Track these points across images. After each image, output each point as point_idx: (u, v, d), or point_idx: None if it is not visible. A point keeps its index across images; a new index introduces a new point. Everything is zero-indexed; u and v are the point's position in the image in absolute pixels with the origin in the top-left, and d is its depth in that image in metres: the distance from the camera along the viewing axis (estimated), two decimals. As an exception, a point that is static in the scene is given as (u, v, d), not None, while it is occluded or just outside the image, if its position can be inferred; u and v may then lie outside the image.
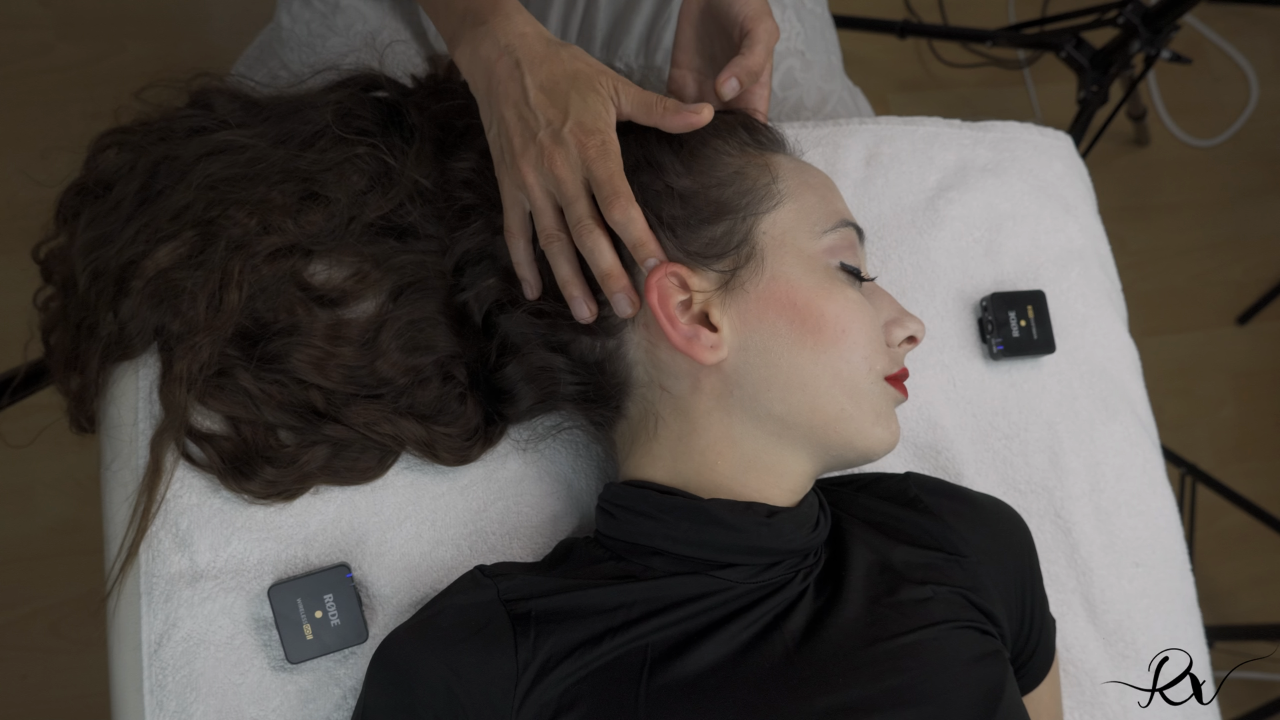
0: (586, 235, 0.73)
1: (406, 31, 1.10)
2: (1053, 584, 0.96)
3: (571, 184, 0.73)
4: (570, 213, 0.73)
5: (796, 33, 1.14)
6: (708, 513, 0.73)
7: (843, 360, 0.74)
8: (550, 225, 0.75)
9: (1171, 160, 2.17)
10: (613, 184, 0.72)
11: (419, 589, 0.84)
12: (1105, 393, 1.02)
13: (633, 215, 0.72)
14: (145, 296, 0.80)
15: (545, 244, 0.75)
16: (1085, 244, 1.05)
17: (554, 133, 0.73)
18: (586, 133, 0.73)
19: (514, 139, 0.74)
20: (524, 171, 0.74)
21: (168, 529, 0.81)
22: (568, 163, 0.72)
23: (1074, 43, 1.64)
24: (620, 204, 0.71)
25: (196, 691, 0.79)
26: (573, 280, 0.75)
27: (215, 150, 0.84)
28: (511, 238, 0.78)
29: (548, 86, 0.74)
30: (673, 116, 0.75)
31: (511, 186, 0.76)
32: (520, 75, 0.74)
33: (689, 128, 0.75)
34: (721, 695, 0.69)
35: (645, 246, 0.72)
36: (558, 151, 0.73)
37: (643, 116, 0.75)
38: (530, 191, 0.74)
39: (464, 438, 0.83)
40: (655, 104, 0.75)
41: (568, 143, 0.72)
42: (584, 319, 0.75)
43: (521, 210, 0.77)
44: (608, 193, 0.72)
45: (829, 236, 0.76)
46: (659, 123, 0.75)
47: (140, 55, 1.79)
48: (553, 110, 0.73)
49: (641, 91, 0.76)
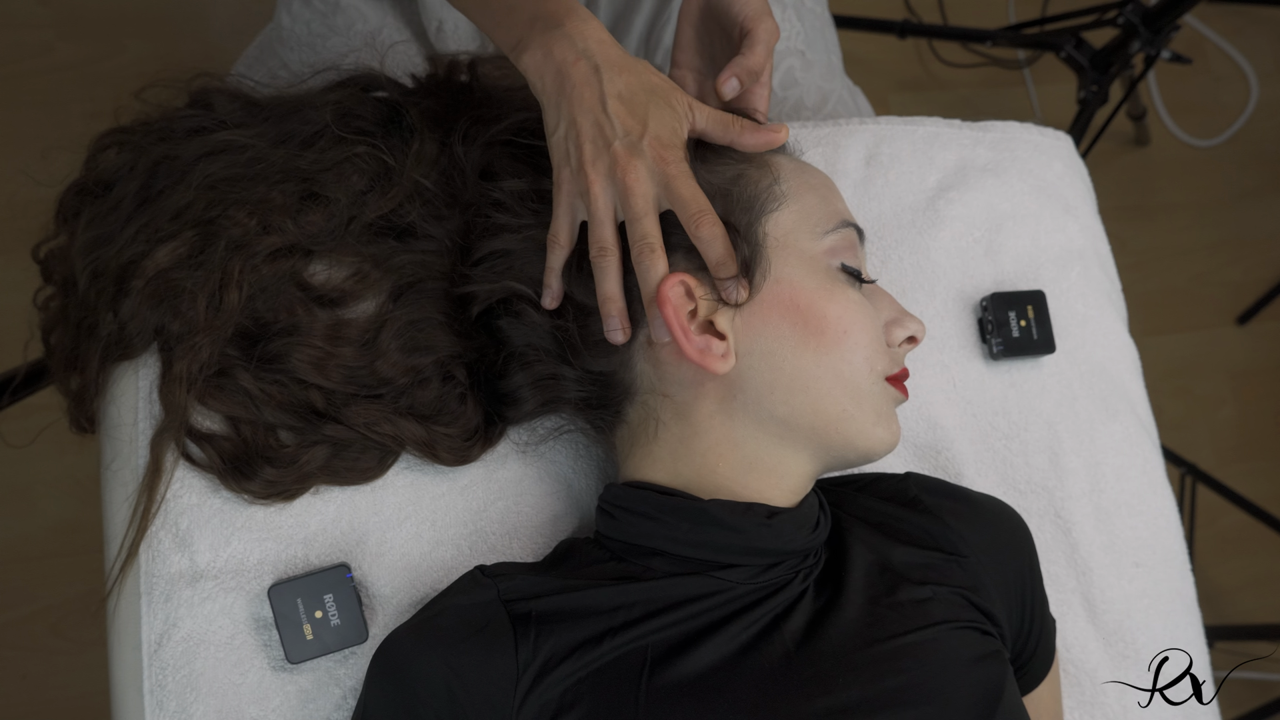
0: (648, 254, 0.71)
1: (407, 31, 1.10)
2: (1053, 584, 0.96)
3: (642, 198, 0.72)
4: (637, 227, 0.72)
5: (796, 32, 1.14)
6: (708, 513, 0.73)
7: (844, 361, 0.74)
8: (607, 237, 0.73)
9: (1171, 160, 2.17)
10: (699, 201, 0.71)
11: (419, 589, 0.84)
12: (1105, 393, 1.02)
13: (718, 234, 0.71)
14: (145, 296, 0.80)
15: (597, 255, 0.73)
16: (1085, 244, 1.06)
17: (631, 144, 0.72)
18: (665, 147, 0.72)
19: (585, 145, 0.73)
20: (591, 180, 0.72)
21: (168, 529, 0.81)
22: (644, 176, 0.72)
23: (1074, 43, 1.64)
24: (709, 221, 0.71)
25: (196, 691, 0.79)
26: (616, 298, 0.73)
27: (215, 150, 0.84)
28: (555, 245, 0.76)
29: (626, 96, 0.73)
30: (750, 135, 0.75)
31: (571, 193, 0.74)
32: (599, 81, 0.73)
33: (767, 146, 0.75)
34: (721, 696, 0.69)
35: (726, 266, 0.71)
36: (634, 162, 0.71)
37: (719, 135, 0.75)
38: (594, 201, 0.73)
39: (464, 438, 0.83)
40: (732, 123, 0.75)
41: (645, 155, 0.72)
42: (617, 340, 0.74)
43: (573, 219, 0.75)
44: (694, 210, 0.71)
45: (830, 237, 0.76)
46: (735, 141, 0.75)
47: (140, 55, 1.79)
48: (631, 120, 0.72)
49: (715, 110, 0.75)
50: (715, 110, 0.76)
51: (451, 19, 1.09)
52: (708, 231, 0.71)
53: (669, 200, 0.72)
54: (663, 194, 0.72)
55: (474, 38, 1.10)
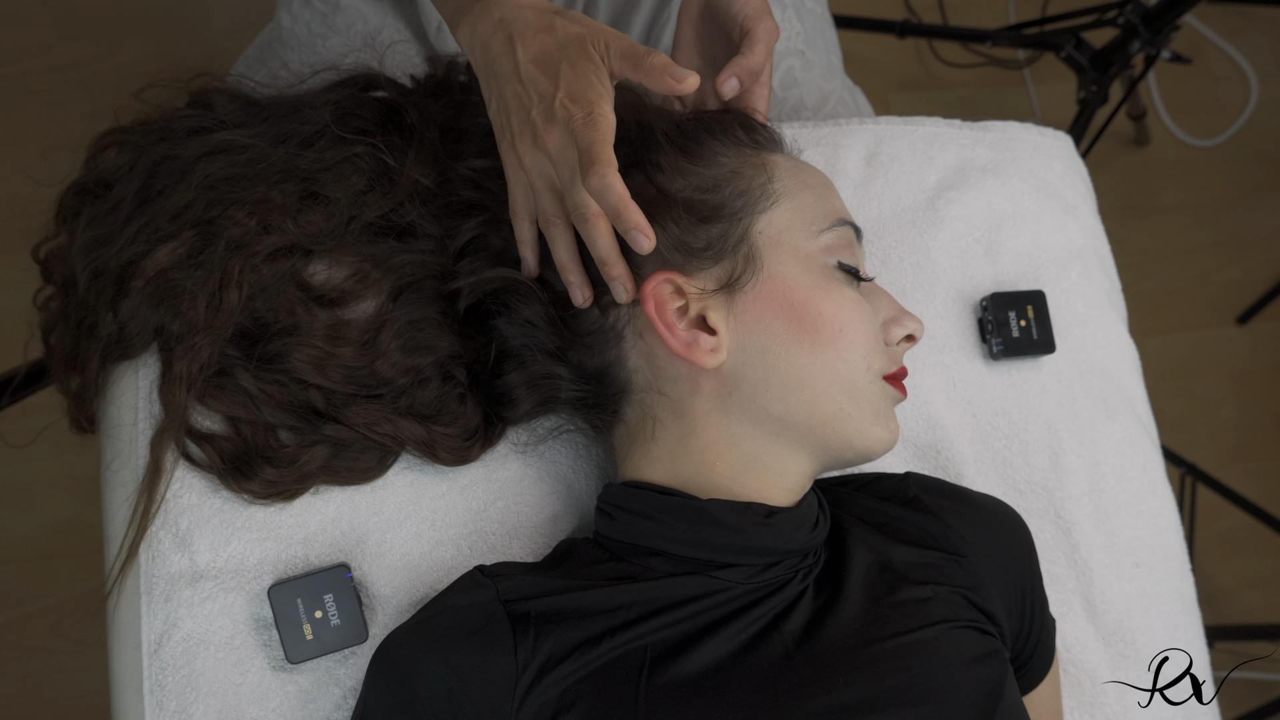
0: (582, 222, 0.71)
1: (407, 31, 1.10)
2: (1053, 584, 0.96)
3: (565, 165, 0.70)
4: (569, 199, 0.71)
5: (796, 32, 1.14)
6: (706, 513, 0.73)
7: (840, 359, 0.74)
8: (550, 208, 0.73)
9: (1171, 160, 2.17)
10: (591, 151, 0.68)
11: (419, 589, 0.84)
12: (1105, 393, 1.02)
13: (610, 183, 0.68)
14: (145, 296, 0.80)
15: (545, 227, 0.74)
16: (1085, 244, 1.05)
17: (546, 108, 0.71)
18: (575, 103, 0.70)
19: (511, 118, 0.73)
20: (522, 153, 0.73)
21: (168, 529, 0.81)
22: (561, 141, 0.70)
23: (1074, 43, 1.64)
24: (596, 171, 0.68)
25: (196, 691, 0.79)
26: (570, 265, 0.74)
27: (215, 150, 0.84)
28: (516, 218, 0.76)
29: (539, 58, 0.72)
30: (658, 75, 0.71)
31: (513, 166, 0.75)
32: (513, 49, 0.72)
33: (669, 90, 0.71)
34: (721, 695, 0.69)
35: (625, 215, 0.68)
36: (550, 129, 0.70)
37: (630, 69, 0.72)
38: (529, 173, 0.73)
39: (464, 438, 0.83)
40: (642, 55, 0.71)
41: (558, 117, 0.70)
42: (581, 304, 0.74)
43: (525, 189, 0.75)
44: (585, 161, 0.68)
45: (826, 235, 0.76)
46: (645, 75, 0.71)
47: (140, 55, 1.79)
48: (545, 83, 0.71)
49: (630, 42, 0.72)
50: (629, 42, 0.72)
51: (451, 19, 1.09)
52: (596, 180, 0.68)
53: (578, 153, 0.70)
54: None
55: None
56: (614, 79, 0.73)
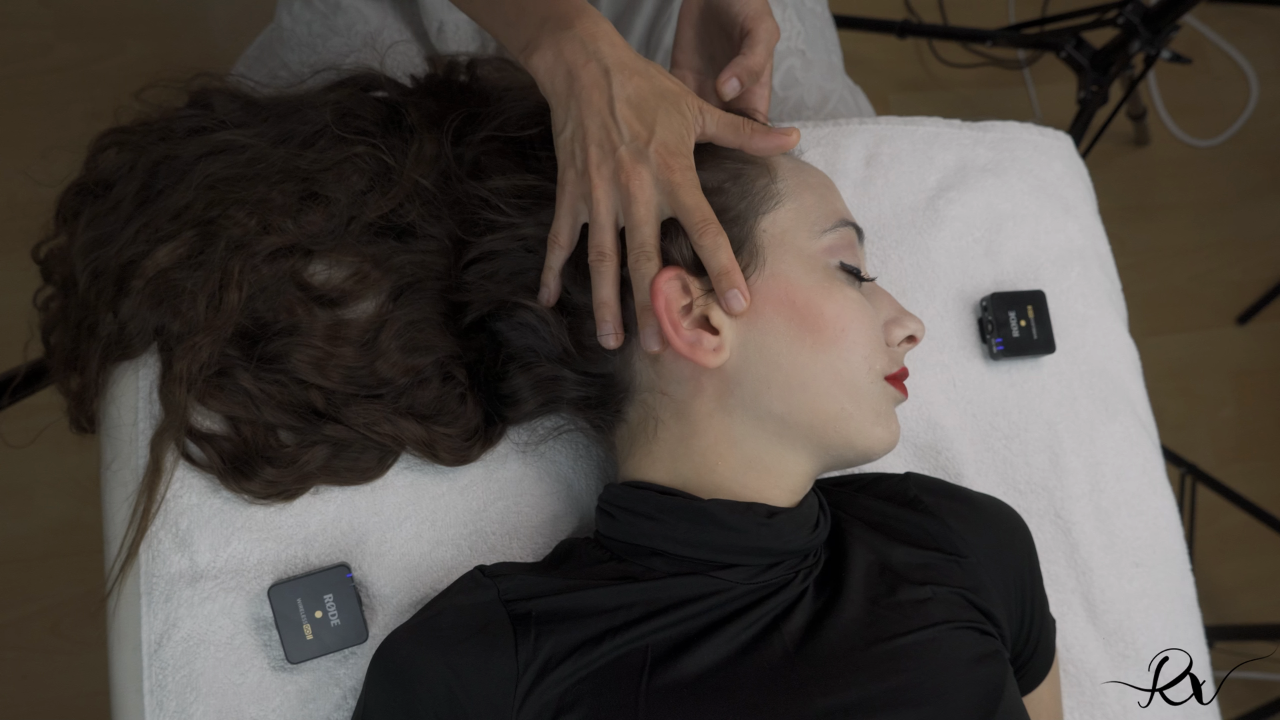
0: (645, 262, 0.72)
1: (407, 32, 1.10)
2: (1053, 584, 0.96)
3: (644, 205, 0.71)
4: (636, 235, 0.72)
5: (797, 32, 1.14)
6: (707, 513, 0.73)
7: (842, 360, 0.74)
8: (607, 242, 0.73)
9: (1171, 160, 2.17)
10: (703, 210, 0.71)
11: (419, 589, 0.84)
12: (1105, 393, 1.02)
13: (722, 243, 0.71)
14: (145, 296, 0.80)
15: (595, 260, 0.73)
16: (1085, 244, 1.05)
17: (638, 150, 0.72)
18: (671, 154, 0.72)
19: (591, 149, 0.73)
20: (595, 184, 0.72)
21: (168, 529, 0.81)
22: (647, 183, 0.71)
23: (1074, 43, 1.64)
24: (713, 231, 0.71)
25: (196, 691, 0.79)
26: (611, 304, 0.73)
27: (215, 150, 0.84)
28: (555, 245, 0.75)
29: (635, 101, 0.72)
30: (761, 139, 0.74)
31: (575, 195, 0.74)
32: (608, 85, 0.72)
33: (778, 150, 0.75)
34: (721, 696, 0.69)
35: (730, 276, 0.71)
36: (639, 169, 0.71)
37: (729, 138, 0.75)
38: (596, 205, 0.73)
39: (464, 438, 0.83)
40: (742, 126, 0.75)
41: (651, 162, 0.71)
42: (609, 345, 0.74)
43: (574, 220, 0.75)
44: (698, 219, 0.71)
45: (828, 236, 0.76)
46: (746, 145, 0.75)
47: (140, 55, 1.79)
48: (639, 126, 0.72)
49: (726, 114, 0.75)
50: (725, 114, 0.75)
51: (452, 20, 1.09)
52: (711, 241, 0.71)
53: (673, 208, 0.72)
54: (666, 201, 0.72)
55: (474, 38, 1.10)
56: (702, 140, 0.75)
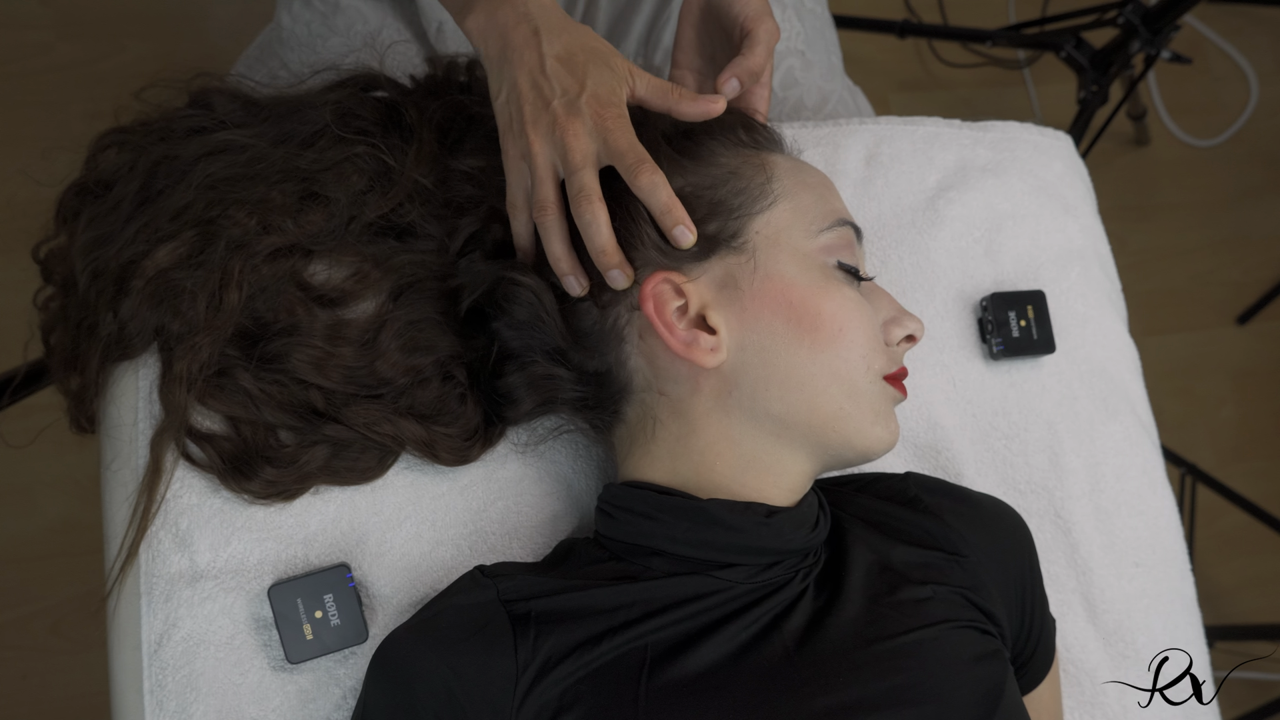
0: (586, 205, 0.72)
1: (407, 32, 1.10)
2: (1053, 584, 0.96)
3: (580, 153, 0.72)
4: (574, 180, 0.72)
5: (797, 32, 1.14)
6: (707, 513, 0.73)
7: (840, 359, 0.74)
8: (548, 196, 0.74)
9: (1171, 160, 2.17)
10: (636, 151, 0.71)
11: (419, 589, 0.84)
12: (1105, 393, 1.02)
13: (659, 181, 0.71)
14: (145, 296, 0.80)
15: (539, 215, 0.74)
16: (1085, 244, 1.06)
17: (569, 102, 0.72)
18: (604, 104, 0.72)
19: (525, 106, 0.73)
20: (531, 140, 0.73)
21: (168, 529, 0.81)
22: (581, 132, 0.72)
23: (1074, 43, 1.64)
24: (647, 168, 0.71)
25: (196, 691, 0.79)
26: (565, 256, 0.74)
27: (215, 150, 0.84)
28: (513, 209, 0.77)
29: (565, 57, 0.73)
30: (689, 104, 0.75)
31: (516, 156, 0.75)
32: (538, 42, 0.74)
33: (705, 116, 0.75)
34: (721, 695, 0.69)
35: (672, 213, 0.71)
36: (573, 121, 0.72)
37: (657, 101, 0.75)
38: (534, 160, 0.73)
39: (464, 438, 0.83)
40: (670, 90, 0.75)
41: (584, 113, 0.72)
42: (577, 293, 0.75)
43: (524, 181, 0.76)
44: (632, 160, 0.71)
45: (826, 235, 0.76)
46: (674, 108, 0.75)
47: (140, 55, 1.79)
48: (570, 80, 0.73)
49: (655, 78, 0.76)
50: (654, 78, 0.76)
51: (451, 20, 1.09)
52: (647, 180, 0.71)
53: (607, 155, 0.72)
54: (601, 150, 0.72)
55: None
56: (632, 102, 0.75)
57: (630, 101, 0.75)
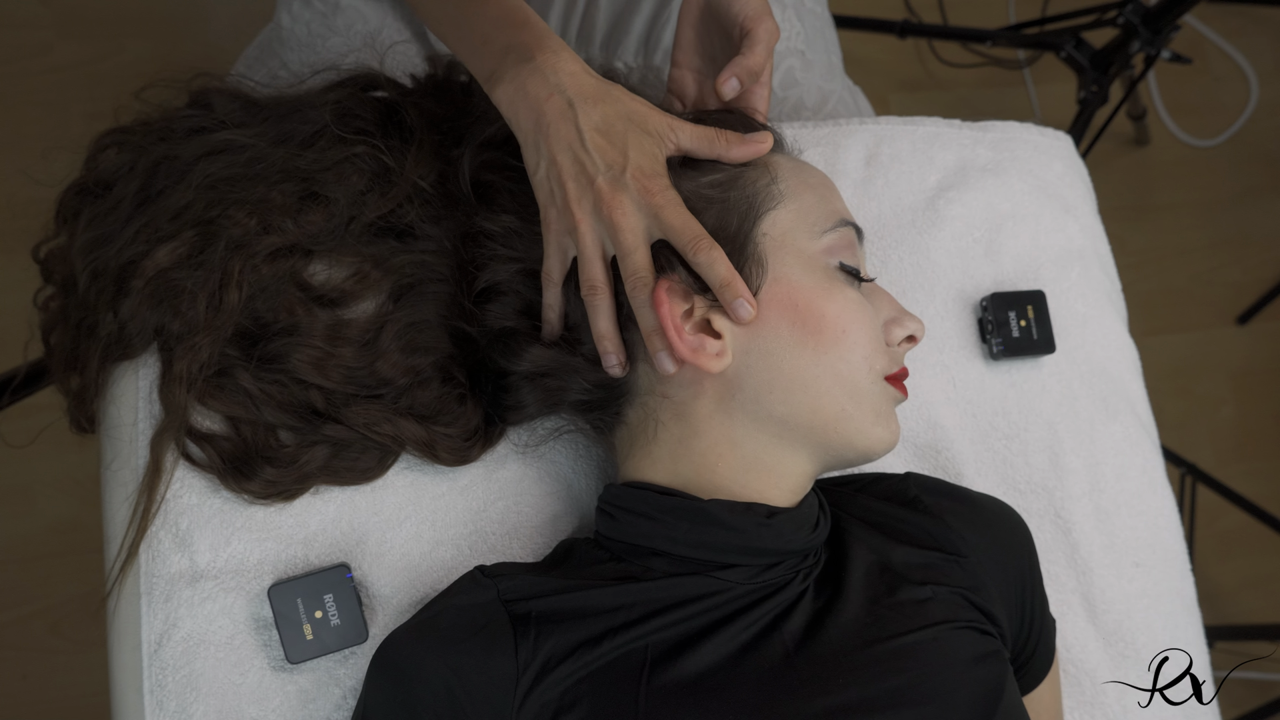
0: (641, 289, 0.72)
1: (407, 31, 1.10)
2: (1053, 584, 0.96)
3: (630, 233, 0.71)
4: (627, 263, 0.72)
5: (796, 32, 1.14)
6: (707, 513, 0.73)
7: (842, 360, 0.74)
8: (598, 276, 0.73)
9: (1171, 160, 2.17)
10: (692, 228, 0.71)
11: (419, 589, 0.84)
12: (1105, 393, 1.02)
13: (717, 256, 0.71)
14: (145, 296, 0.80)
15: (589, 294, 0.73)
16: (1085, 244, 1.06)
17: (614, 178, 0.71)
18: (648, 177, 0.72)
19: (568, 184, 0.72)
20: (578, 219, 0.72)
21: (168, 529, 0.81)
22: (630, 210, 0.71)
23: (1074, 43, 1.64)
24: (705, 245, 0.71)
25: (196, 691, 0.79)
26: (611, 335, 0.74)
27: (215, 150, 0.84)
28: (549, 283, 0.76)
29: (604, 128, 0.72)
30: (738, 148, 0.75)
31: (560, 232, 0.74)
32: (574, 115, 0.72)
33: (753, 157, 0.75)
34: (721, 696, 0.69)
35: (732, 286, 0.71)
36: (619, 197, 0.71)
37: (704, 150, 0.75)
38: (581, 240, 0.73)
39: (464, 438, 0.83)
40: (716, 138, 0.75)
41: (630, 188, 0.71)
42: (615, 374, 0.75)
43: (564, 256, 0.75)
44: (688, 237, 0.71)
45: (828, 236, 0.76)
46: (721, 155, 0.75)
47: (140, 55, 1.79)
48: (612, 152, 0.72)
49: (697, 127, 0.75)
50: (697, 126, 0.75)
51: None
52: (706, 257, 0.71)
53: (661, 230, 0.72)
54: (653, 225, 0.72)
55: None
56: (676, 155, 0.75)
57: (674, 155, 0.75)
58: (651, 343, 0.73)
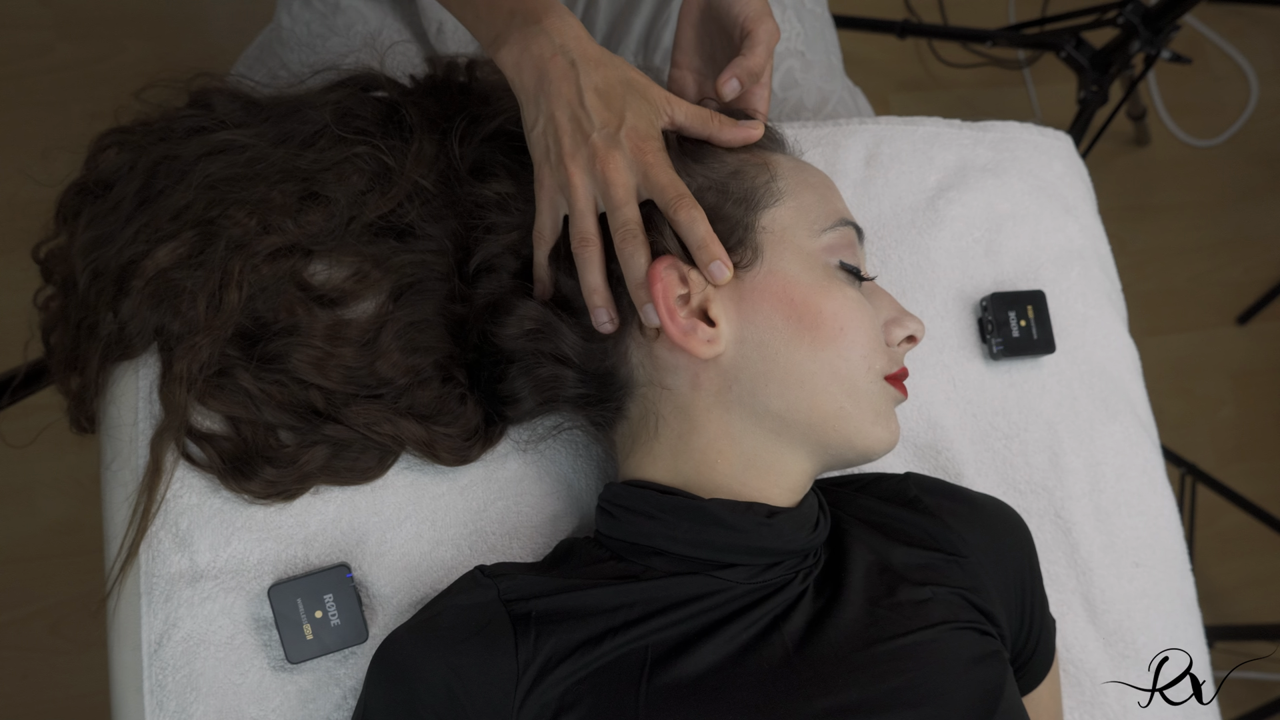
0: (630, 240, 0.72)
1: (407, 32, 1.10)
2: (1053, 584, 0.96)
3: (622, 188, 0.73)
4: (617, 216, 0.73)
5: (796, 33, 1.14)
6: (708, 513, 0.73)
7: (841, 359, 0.74)
8: (588, 229, 0.74)
9: (1171, 160, 2.17)
10: (676, 186, 0.72)
11: (419, 589, 0.84)
12: (1105, 393, 1.02)
13: (697, 216, 0.72)
14: (145, 296, 0.80)
15: (579, 247, 0.74)
16: (1085, 244, 1.06)
17: (609, 135, 0.73)
18: (642, 138, 0.73)
19: (564, 139, 0.74)
20: (571, 173, 0.73)
21: (168, 529, 0.81)
22: (622, 166, 0.73)
23: (1074, 43, 1.64)
24: (687, 204, 0.72)
25: (196, 691, 0.79)
26: (601, 289, 0.74)
27: (215, 150, 0.84)
28: (540, 240, 0.77)
29: (603, 90, 0.74)
30: (729, 131, 0.76)
31: (552, 187, 0.75)
32: (575, 75, 0.74)
33: (744, 141, 0.77)
34: (721, 696, 0.69)
35: (709, 248, 0.72)
36: (613, 154, 0.72)
37: (697, 128, 0.76)
38: (574, 193, 0.74)
39: (464, 438, 0.83)
40: (710, 118, 0.76)
41: (623, 146, 0.73)
42: (605, 330, 0.75)
43: (555, 213, 0.76)
44: (672, 195, 0.72)
45: (828, 235, 0.76)
46: (714, 135, 0.76)
47: (140, 55, 1.79)
48: (608, 113, 0.73)
49: (693, 105, 0.77)
50: (693, 105, 0.77)
51: (451, 20, 1.09)
52: (686, 215, 0.72)
53: (647, 189, 0.73)
54: (641, 183, 0.73)
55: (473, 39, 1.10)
56: (671, 130, 0.77)
57: (669, 129, 0.76)
58: (637, 295, 0.73)
